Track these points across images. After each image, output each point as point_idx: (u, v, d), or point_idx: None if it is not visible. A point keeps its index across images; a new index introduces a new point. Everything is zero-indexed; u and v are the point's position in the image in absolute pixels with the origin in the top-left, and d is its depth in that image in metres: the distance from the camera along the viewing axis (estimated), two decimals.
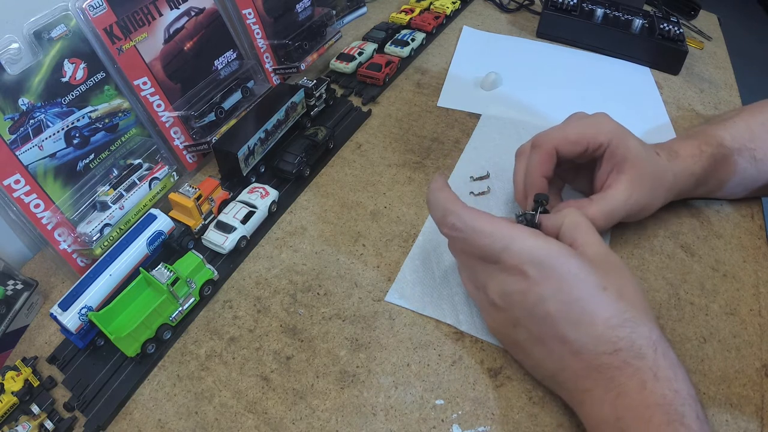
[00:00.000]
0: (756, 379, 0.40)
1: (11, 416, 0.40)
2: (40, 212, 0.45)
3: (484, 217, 0.38)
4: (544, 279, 0.35)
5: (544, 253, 0.35)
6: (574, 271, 0.34)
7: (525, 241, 0.36)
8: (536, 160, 0.46)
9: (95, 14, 0.47)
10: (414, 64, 0.78)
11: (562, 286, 0.34)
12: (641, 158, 0.45)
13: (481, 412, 0.38)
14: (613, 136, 0.45)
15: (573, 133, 0.45)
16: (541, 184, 0.46)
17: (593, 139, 0.45)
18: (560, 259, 0.35)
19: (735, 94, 0.75)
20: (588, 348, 0.34)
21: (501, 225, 0.37)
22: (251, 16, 0.64)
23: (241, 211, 0.51)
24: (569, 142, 0.45)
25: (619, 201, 0.45)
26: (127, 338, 0.40)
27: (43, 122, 0.45)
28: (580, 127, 0.46)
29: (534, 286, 0.35)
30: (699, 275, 0.48)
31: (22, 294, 0.45)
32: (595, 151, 0.46)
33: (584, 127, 0.46)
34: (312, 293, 0.47)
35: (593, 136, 0.45)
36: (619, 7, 0.82)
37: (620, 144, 0.44)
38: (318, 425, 0.38)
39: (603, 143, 0.45)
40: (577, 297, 0.34)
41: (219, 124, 0.58)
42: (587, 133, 0.45)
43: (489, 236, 0.37)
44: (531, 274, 0.35)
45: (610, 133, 0.45)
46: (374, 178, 0.58)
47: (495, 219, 0.37)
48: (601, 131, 0.45)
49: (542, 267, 0.35)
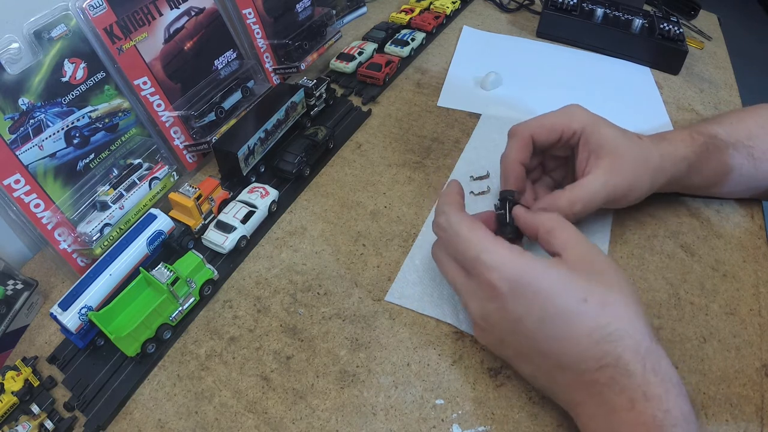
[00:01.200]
0: (756, 379, 0.40)
1: (11, 416, 0.40)
2: (40, 212, 0.45)
3: (468, 224, 0.37)
4: (518, 296, 0.34)
5: (515, 270, 0.34)
6: (548, 286, 0.33)
7: (496, 254, 0.35)
8: (512, 147, 0.48)
9: (95, 14, 0.47)
10: (414, 64, 0.78)
11: (537, 303, 0.33)
12: (618, 143, 0.46)
13: (481, 412, 0.38)
14: (585, 123, 0.46)
15: (547, 122, 0.47)
16: (517, 170, 0.47)
17: (567, 126, 0.46)
18: (532, 274, 0.34)
19: (735, 94, 0.75)
20: (573, 364, 0.33)
21: (479, 234, 0.37)
22: (251, 15, 0.64)
23: (241, 210, 0.51)
24: (544, 129, 0.47)
25: (595, 186, 0.45)
26: (127, 338, 0.40)
27: (43, 122, 0.45)
28: (553, 116, 0.48)
29: (508, 304, 0.35)
30: (699, 275, 0.48)
31: (22, 294, 0.45)
32: (570, 138, 0.47)
33: (558, 116, 0.48)
34: (312, 293, 0.47)
35: (566, 124, 0.46)
36: (619, 7, 0.82)
37: (594, 131, 0.46)
38: (318, 425, 0.38)
39: (576, 130, 0.46)
40: (554, 313, 0.33)
41: (219, 123, 0.58)
42: (560, 121, 0.47)
43: (466, 242, 0.37)
44: (503, 291, 0.34)
45: (582, 121, 0.46)
46: (374, 177, 0.58)
47: (478, 228, 0.37)
48: (573, 119, 0.47)
49: (514, 283, 0.34)
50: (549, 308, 0.33)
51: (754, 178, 0.50)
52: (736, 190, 0.52)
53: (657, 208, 0.53)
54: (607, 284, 0.34)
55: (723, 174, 0.50)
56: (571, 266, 0.35)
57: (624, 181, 0.45)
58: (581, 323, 0.33)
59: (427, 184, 0.57)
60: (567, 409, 0.36)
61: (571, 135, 0.47)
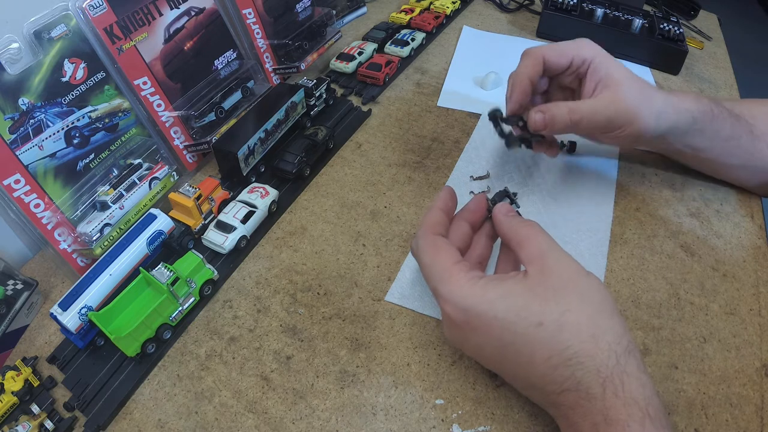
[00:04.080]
0: (756, 379, 0.40)
1: (11, 416, 0.40)
2: (40, 212, 0.45)
3: (431, 251, 0.37)
4: (473, 327, 0.34)
5: (468, 302, 0.34)
6: (502, 316, 0.33)
7: (451, 285, 0.35)
8: (524, 64, 0.50)
9: (95, 14, 0.47)
10: (414, 64, 0.78)
11: (493, 332, 0.33)
12: (625, 76, 0.47)
13: (481, 412, 0.38)
14: (596, 54, 0.48)
15: (559, 47, 0.50)
16: (525, 84, 0.50)
17: (578, 54, 0.49)
18: (484, 305, 0.33)
19: (735, 94, 0.75)
20: (538, 386, 0.33)
21: (438, 263, 0.36)
22: (251, 15, 0.64)
23: (241, 210, 0.51)
24: (556, 53, 0.49)
25: (598, 104, 0.47)
26: (127, 338, 0.40)
27: (43, 122, 0.45)
28: (565, 44, 0.50)
29: (466, 334, 0.35)
30: (699, 275, 0.48)
31: (22, 294, 0.45)
32: (579, 66, 0.49)
33: (570, 44, 0.50)
34: (312, 293, 0.47)
35: (577, 51, 0.49)
36: (619, 7, 0.82)
37: (603, 62, 0.48)
38: (318, 425, 0.38)
39: (587, 58, 0.48)
40: (510, 341, 0.33)
41: (219, 123, 0.58)
42: (572, 48, 0.49)
43: (426, 269, 0.37)
44: (459, 322, 0.35)
45: (593, 51, 0.49)
46: (374, 177, 0.58)
47: (439, 255, 0.37)
48: (585, 48, 0.49)
49: (467, 314, 0.34)
50: (505, 336, 0.33)
51: (751, 155, 0.50)
52: (734, 162, 0.52)
53: (657, 208, 0.53)
54: (567, 303, 0.32)
55: (723, 139, 0.50)
56: (531, 285, 0.33)
57: (627, 108, 0.46)
58: (538, 349, 0.32)
59: (427, 184, 0.57)
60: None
61: (581, 63, 0.49)
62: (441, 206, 0.41)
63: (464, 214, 0.42)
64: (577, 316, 0.32)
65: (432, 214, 0.40)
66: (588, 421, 0.30)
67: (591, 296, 0.33)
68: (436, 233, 0.39)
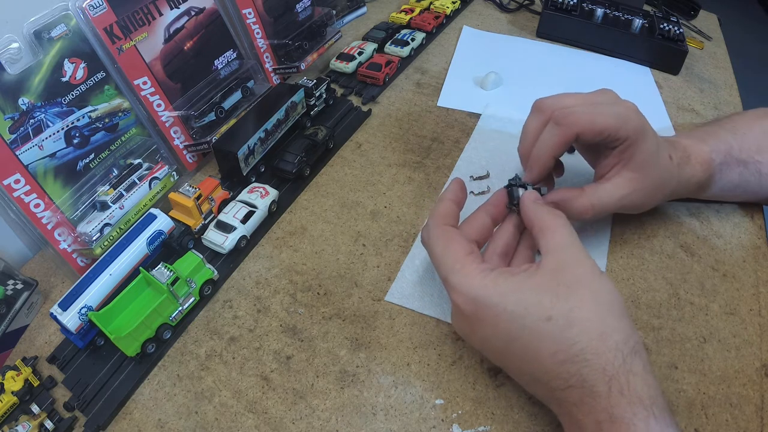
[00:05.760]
0: (756, 379, 0.40)
1: (11, 416, 0.40)
2: (40, 212, 0.45)
3: (443, 241, 0.38)
4: (481, 318, 0.34)
5: (478, 292, 0.34)
6: (511, 308, 0.33)
7: (462, 276, 0.35)
8: (554, 141, 0.42)
9: (95, 14, 0.47)
10: (414, 63, 0.78)
11: (501, 325, 0.33)
12: (651, 163, 0.44)
13: (481, 412, 0.38)
14: (634, 134, 0.42)
15: (599, 124, 0.41)
16: (549, 165, 0.43)
17: (615, 132, 0.42)
18: (494, 297, 0.34)
19: (735, 94, 0.75)
20: (542, 381, 0.33)
21: (451, 253, 0.37)
22: (251, 15, 0.64)
23: (241, 210, 0.51)
24: (594, 132, 0.41)
25: (615, 196, 0.44)
26: (127, 338, 0.40)
27: (43, 122, 0.45)
28: (606, 117, 0.42)
29: (474, 325, 0.35)
30: (699, 275, 0.48)
31: (22, 294, 0.45)
32: (612, 142, 0.43)
33: (611, 117, 0.42)
34: (312, 293, 0.47)
35: (616, 130, 0.42)
36: (619, 7, 0.82)
37: (636, 144, 0.42)
38: (318, 425, 0.38)
39: (622, 138, 0.42)
40: (517, 334, 0.33)
41: (219, 123, 0.58)
42: (612, 126, 0.41)
43: (438, 260, 0.37)
44: (467, 313, 0.35)
45: (633, 130, 0.42)
46: (374, 177, 0.58)
47: (452, 246, 0.37)
48: (625, 127, 0.42)
49: (477, 306, 0.34)
50: (513, 329, 0.33)
51: (756, 193, 0.51)
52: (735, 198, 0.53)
53: (657, 208, 0.53)
54: (578, 300, 0.32)
55: (731, 188, 0.50)
56: (543, 279, 0.33)
57: (639, 199, 0.45)
58: (545, 344, 0.32)
59: (427, 184, 0.57)
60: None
61: (614, 140, 0.42)
62: (452, 197, 0.41)
63: (486, 207, 0.42)
64: (586, 314, 0.32)
65: (443, 205, 0.40)
66: (592, 419, 0.30)
67: (602, 296, 0.33)
68: (447, 224, 0.39)
